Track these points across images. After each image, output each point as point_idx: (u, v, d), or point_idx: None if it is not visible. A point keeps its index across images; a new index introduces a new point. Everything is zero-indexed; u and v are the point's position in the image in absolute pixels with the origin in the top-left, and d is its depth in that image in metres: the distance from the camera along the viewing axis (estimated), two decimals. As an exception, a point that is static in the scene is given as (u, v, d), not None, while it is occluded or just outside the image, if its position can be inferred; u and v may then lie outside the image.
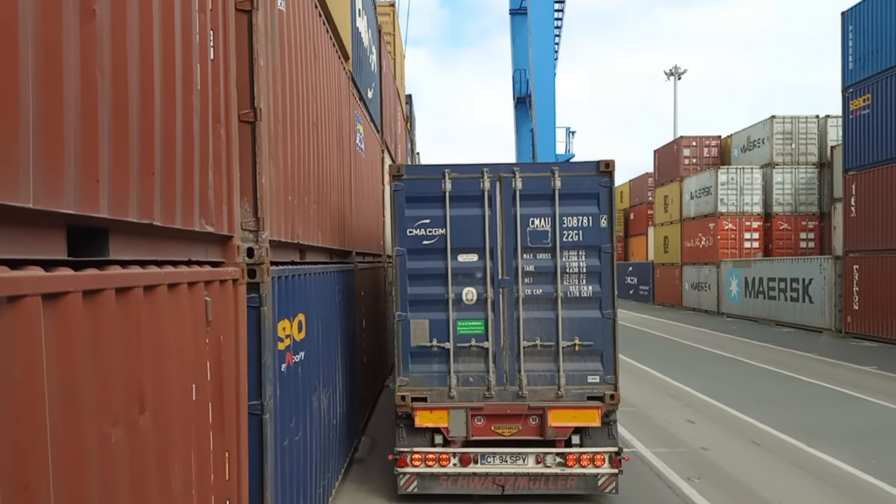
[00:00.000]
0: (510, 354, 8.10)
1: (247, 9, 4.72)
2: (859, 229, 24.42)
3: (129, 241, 2.86)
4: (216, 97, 3.99)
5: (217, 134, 3.98)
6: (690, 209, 39.84)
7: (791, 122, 35.68)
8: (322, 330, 7.27)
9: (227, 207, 4.11)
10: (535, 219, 8.08)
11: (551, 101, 33.35)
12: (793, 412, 13.08)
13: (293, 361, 5.73)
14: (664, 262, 44.26)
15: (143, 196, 2.93)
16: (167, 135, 3.21)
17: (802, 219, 35.95)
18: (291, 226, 5.82)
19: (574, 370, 8.05)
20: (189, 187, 3.47)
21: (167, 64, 3.22)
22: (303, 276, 6.27)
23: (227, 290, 4.03)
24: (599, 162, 8.03)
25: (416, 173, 8.32)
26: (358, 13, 12.39)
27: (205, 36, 3.79)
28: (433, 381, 8.18)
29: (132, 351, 2.72)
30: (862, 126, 24.29)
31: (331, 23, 8.51)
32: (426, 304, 8.19)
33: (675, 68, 59.68)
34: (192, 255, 3.61)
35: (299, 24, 6.35)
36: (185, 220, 3.41)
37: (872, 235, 23.52)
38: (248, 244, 4.61)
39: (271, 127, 5.12)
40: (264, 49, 4.92)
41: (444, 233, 8.10)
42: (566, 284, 8.06)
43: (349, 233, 9.73)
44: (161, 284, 2.99)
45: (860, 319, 24.31)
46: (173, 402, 3.12)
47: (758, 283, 32.48)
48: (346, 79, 10.03)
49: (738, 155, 39.27)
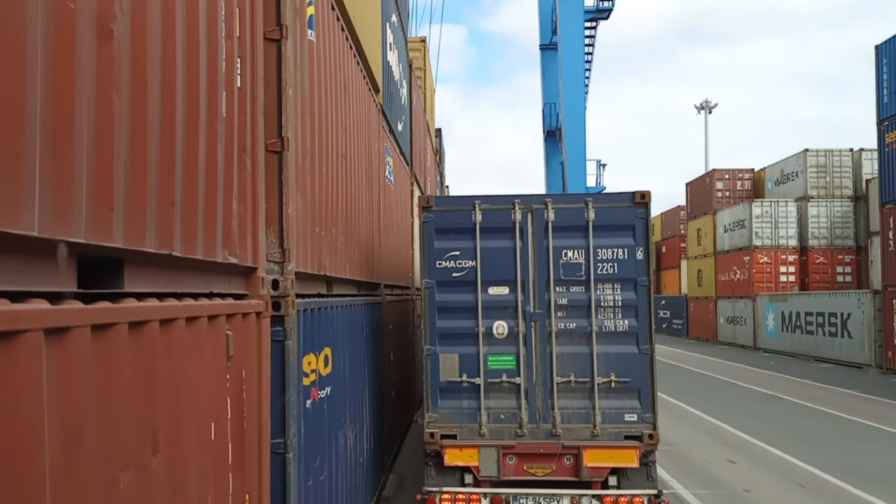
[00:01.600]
0: (543, 391, 7.84)
1: (276, 38, 4.64)
2: (898, 263, 23.79)
3: (147, 272, 2.72)
4: (242, 126, 3.89)
5: (242, 163, 3.87)
6: (724, 242, 39.29)
7: (825, 156, 35.22)
8: (349, 364, 7.10)
9: (251, 238, 3.98)
10: (567, 251, 7.87)
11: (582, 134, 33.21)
12: (837, 452, 12.56)
13: (319, 397, 5.56)
14: (698, 296, 43.57)
15: (162, 225, 2.80)
16: (189, 163, 3.09)
17: (839, 252, 35.28)
18: (318, 257, 5.69)
19: (610, 408, 7.76)
20: (212, 217, 3.35)
21: (191, 90, 3.12)
22: (329, 308, 6.12)
23: (250, 324, 3.88)
24: (635, 193, 7.82)
25: (446, 204, 8.18)
26: (389, 47, 12.42)
27: (231, 63, 3.69)
28: (463, 417, 7.94)
29: (146, 389, 2.57)
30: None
31: (361, 55, 8.47)
32: (456, 337, 7.98)
33: (706, 102, 59.35)
34: (214, 287, 3.48)
35: (329, 54, 6.28)
36: (206, 251, 3.27)
37: (913, 269, 22.90)
38: (272, 276, 4.48)
39: (299, 157, 5.01)
40: (293, 78, 4.83)
41: (475, 265, 7.92)
42: (601, 318, 7.81)
43: (377, 265, 9.60)
44: (179, 318, 2.84)
45: (902, 355, 23.58)
46: (190, 443, 2.96)
47: (795, 318, 31.74)
48: (376, 111, 9.98)
49: (772, 188, 38.78)
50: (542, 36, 42.97)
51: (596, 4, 36.68)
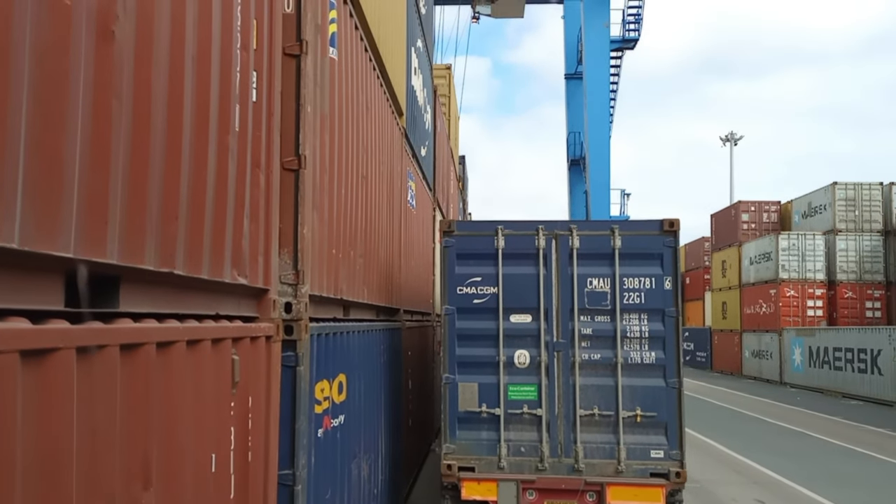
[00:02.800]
0: (565, 424, 7.57)
1: (295, 53, 4.51)
2: (932, 298, 23.24)
3: (146, 291, 2.55)
4: (257, 141, 3.73)
5: (256, 180, 3.71)
6: (750, 275, 38.69)
7: (854, 189, 34.68)
8: (365, 391, 6.88)
9: (263, 258, 3.80)
10: (593, 279, 7.64)
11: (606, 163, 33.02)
12: (871, 494, 12.06)
13: (332, 426, 5.34)
14: (722, 329, 42.87)
15: (164, 242, 2.63)
16: (197, 176, 2.93)
17: (868, 287, 34.58)
18: (335, 280, 5.51)
19: (636, 443, 7.46)
20: (220, 235, 3.18)
21: (201, 100, 2.97)
22: (345, 333, 5.92)
23: (259, 348, 3.69)
24: (663, 221, 7.59)
25: (468, 229, 8.01)
26: (413, 71, 12.34)
27: (247, 75, 3.55)
28: (482, 449, 7.68)
29: (139, 417, 2.38)
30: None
31: (385, 78, 8.36)
32: (475, 366, 7.76)
33: (731, 134, 58.97)
34: (222, 309, 3.30)
35: (352, 74, 6.16)
36: (213, 271, 3.10)
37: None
38: (285, 298, 4.29)
39: (317, 176, 4.86)
40: (312, 96, 4.69)
41: (497, 292, 7.71)
42: (626, 349, 7.55)
43: (397, 289, 9.41)
44: (178, 341, 2.66)
45: (934, 393, 22.94)
46: (187, 475, 2.76)
47: (823, 353, 31.02)
48: (399, 134, 9.86)
49: (799, 221, 38.25)
50: (567, 65, 42.96)
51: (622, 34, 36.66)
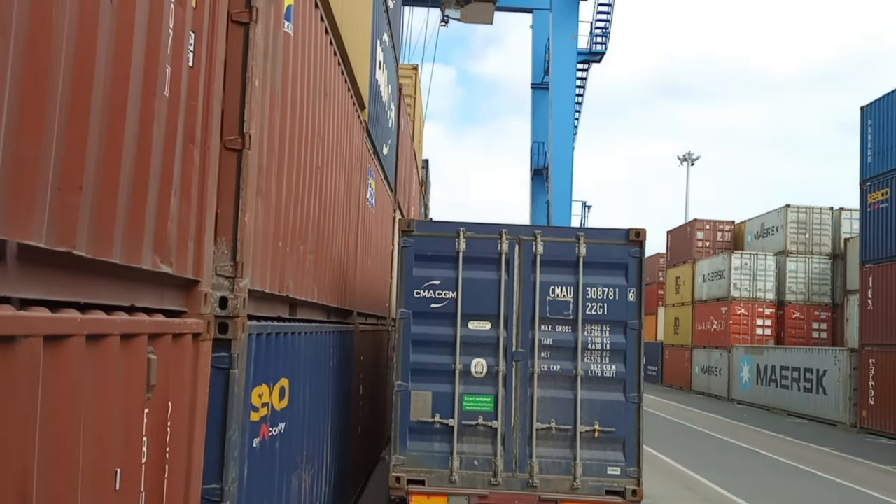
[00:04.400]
0: (521, 437, 7.21)
1: (244, 21, 4.06)
2: (876, 323, 23.64)
3: (34, 273, 2.09)
4: (191, 111, 3.28)
5: (189, 154, 3.25)
6: (703, 292, 39.12)
7: (805, 212, 35.47)
8: (311, 397, 6.42)
9: (194, 245, 3.34)
10: (555, 287, 7.31)
11: (569, 173, 32.96)
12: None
13: (269, 435, 4.88)
14: (674, 344, 43.27)
15: (63, 214, 2.18)
16: (111, 141, 2.47)
17: (815, 309, 35.31)
18: (280, 276, 5.04)
19: (592, 459, 7.14)
20: (138, 213, 2.72)
21: (121, 51, 2.51)
22: (291, 334, 5.46)
23: (184, 347, 3.22)
24: (630, 230, 7.30)
25: (428, 230, 7.62)
26: (378, 65, 11.92)
27: (181, 34, 3.10)
28: (433, 461, 7.28)
29: (14, 426, 1.92)
30: (880, 219, 23.86)
31: (347, 65, 7.92)
32: (430, 374, 7.37)
33: (689, 154, 60.01)
34: (139, 301, 2.83)
35: (309, 55, 5.71)
36: (128, 255, 2.64)
37: (890, 329, 22.67)
38: (220, 292, 3.83)
39: (264, 159, 4.41)
40: (262, 70, 4.25)
41: (455, 296, 7.33)
42: (587, 362, 7.23)
43: (351, 291, 8.95)
44: (75, 335, 2.20)
45: (876, 415, 23.30)
46: (79, 495, 2.28)
47: (770, 371, 31.41)
48: (359, 128, 9.42)
49: (752, 241, 38.85)
50: (534, 75, 42.88)
51: (589, 47, 36.72)
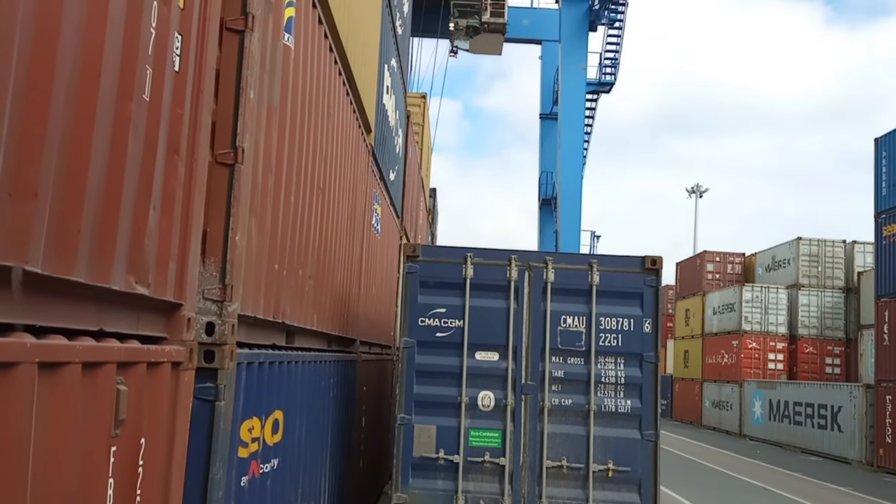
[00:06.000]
0: (530, 475, 6.84)
1: (239, 28, 3.82)
2: (893, 358, 23.07)
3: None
4: (176, 119, 3.02)
5: (172, 165, 2.98)
6: (713, 324, 38.57)
7: (818, 245, 34.98)
8: (308, 430, 6.09)
9: (176, 265, 3.06)
10: (567, 317, 6.99)
11: (578, 203, 32.83)
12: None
13: (261, 472, 4.55)
14: (684, 377, 42.62)
15: (14, 225, 1.90)
16: (76, 144, 2.20)
17: (828, 343, 34.65)
18: (276, 301, 4.75)
19: (606, 500, 6.76)
20: (109, 227, 2.44)
21: (90, 47, 2.25)
22: (287, 363, 5.16)
23: (161, 377, 2.93)
24: (646, 258, 7.00)
25: (434, 255, 7.33)
26: (386, 90, 11.77)
27: (165, 35, 2.84)
28: (436, 500, 6.92)
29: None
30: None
31: (353, 87, 7.71)
32: (435, 407, 7.03)
33: (698, 186, 59.83)
34: (110, 325, 2.54)
35: (311, 70, 5.48)
36: (96, 274, 2.36)
37: (907, 365, 22.14)
38: (207, 318, 3.54)
39: (259, 176, 4.14)
40: (258, 81, 4.00)
41: (462, 325, 7.02)
42: (600, 396, 6.88)
43: (354, 319, 8.64)
44: (23, 362, 1.91)
45: (894, 453, 22.61)
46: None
47: (783, 407, 30.73)
48: (365, 151, 9.19)
49: (763, 274, 38.38)
50: (542, 105, 42.95)
51: (598, 77, 36.81)
